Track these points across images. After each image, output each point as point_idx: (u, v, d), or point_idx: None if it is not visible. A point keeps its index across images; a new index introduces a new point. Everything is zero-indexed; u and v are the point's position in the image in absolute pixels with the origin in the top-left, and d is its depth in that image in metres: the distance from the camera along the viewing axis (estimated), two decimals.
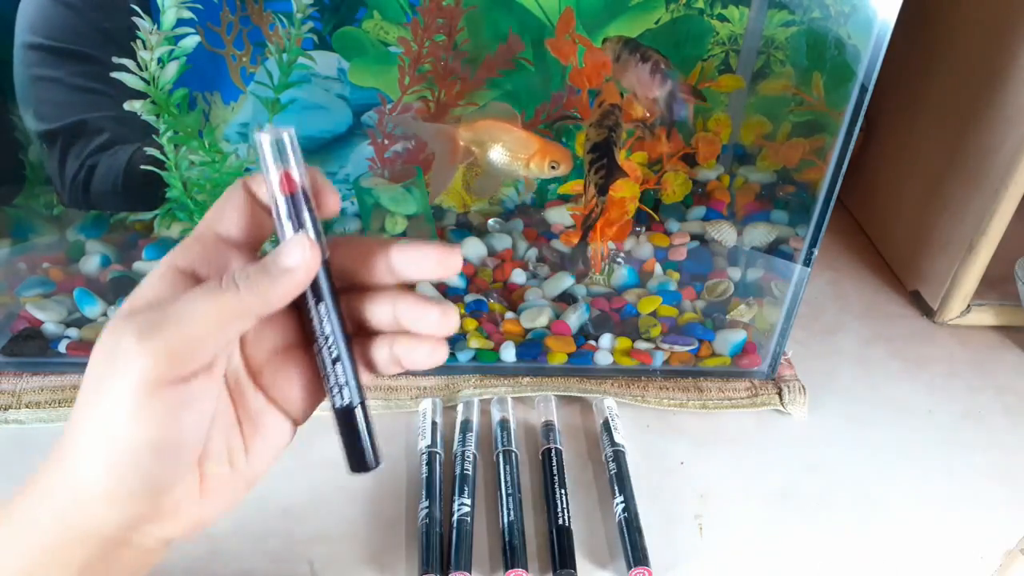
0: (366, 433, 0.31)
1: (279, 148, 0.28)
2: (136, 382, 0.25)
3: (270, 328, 0.31)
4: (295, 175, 0.29)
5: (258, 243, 0.31)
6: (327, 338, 0.30)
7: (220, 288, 0.27)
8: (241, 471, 0.30)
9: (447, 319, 0.31)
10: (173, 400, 0.26)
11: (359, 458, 0.31)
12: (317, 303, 0.30)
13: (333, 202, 0.30)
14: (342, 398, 0.31)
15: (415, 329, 0.31)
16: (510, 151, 0.54)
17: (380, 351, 0.31)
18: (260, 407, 0.31)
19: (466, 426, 0.56)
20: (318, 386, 0.32)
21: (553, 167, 0.54)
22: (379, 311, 0.31)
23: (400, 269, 0.31)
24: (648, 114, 0.58)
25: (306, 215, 0.29)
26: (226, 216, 0.29)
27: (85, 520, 0.28)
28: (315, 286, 0.29)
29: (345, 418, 0.31)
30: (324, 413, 0.32)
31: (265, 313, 0.28)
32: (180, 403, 0.26)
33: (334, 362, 0.30)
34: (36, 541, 0.28)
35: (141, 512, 0.28)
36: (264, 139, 0.28)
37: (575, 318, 0.63)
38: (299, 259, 0.28)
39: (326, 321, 0.30)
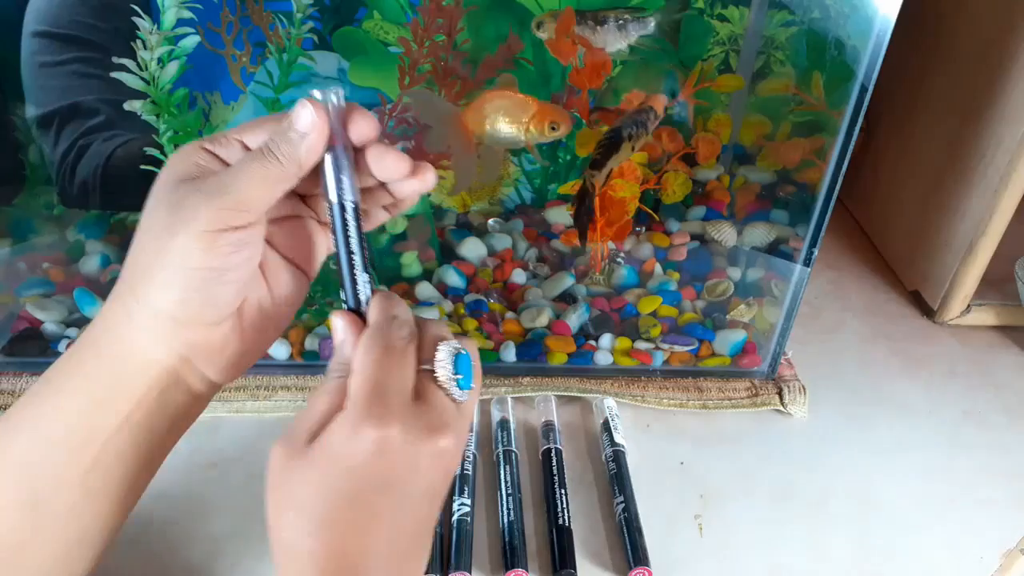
0: None
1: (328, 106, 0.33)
2: (206, 227, 0.31)
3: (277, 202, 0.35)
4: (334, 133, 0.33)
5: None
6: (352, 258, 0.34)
7: (264, 158, 0.32)
8: (269, 316, 0.36)
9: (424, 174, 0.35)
10: (233, 241, 0.31)
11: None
12: (346, 233, 0.33)
13: (365, 127, 0.34)
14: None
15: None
16: (509, 116, 0.53)
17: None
18: (277, 263, 0.36)
19: None
20: (318, 247, 0.37)
21: (553, 128, 0.52)
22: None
23: (376, 171, 0.35)
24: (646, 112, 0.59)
25: (345, 165, 0.33)
26: (257, 134, 0.33)
27: (150, 346, 0.32)
28: (346, 229, 0.33)
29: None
30: None
31: (300, 175, 0.33)
32: (238, 244, 0.32)
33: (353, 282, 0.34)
34: (101, 370, 0.33)
35: (196, 341, 0.33)
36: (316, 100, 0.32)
37: (575, 318, 0.63)
38: (309, 121, 0.32)
39: (357, 258, 0.34)
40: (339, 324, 0.33)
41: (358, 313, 0.34)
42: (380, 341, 0.32)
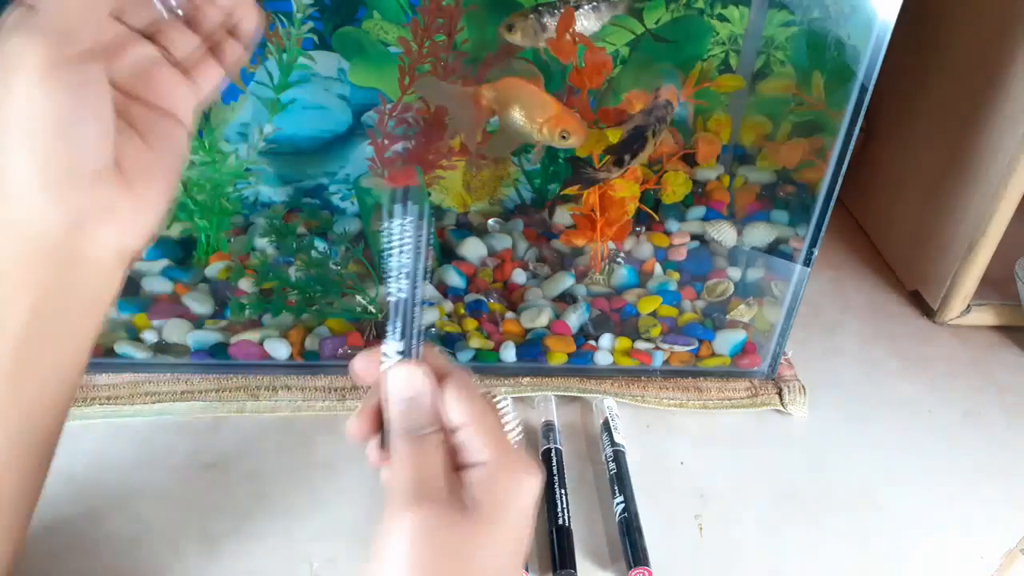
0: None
1: None
2: (34, 68, 0.28)
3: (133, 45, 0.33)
4: None
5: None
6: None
7: None
8: (154, 168, 0.33)
9: None
10: (71, 78, 0.28)
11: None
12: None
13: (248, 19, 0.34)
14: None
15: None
16: (526, 111, 0.51)
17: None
18: (141, 110, 0.33)
19: None
20: (181, 91, 0.35)
21: (564, 136, 0.51)
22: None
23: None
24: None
25: None
26: None
27: (27, 226, 0.30)
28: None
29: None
30: (318, 414, 0.32)
31: None
32: (78, 81, 0.29)
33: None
34: None
35: (77, 205, 0.30)
36: None
37: (575, 318, 0.63)
38: None
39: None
40: (420, 376, 0.32)
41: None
42: (485, 401, 0.32)
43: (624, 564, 0.48)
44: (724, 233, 0.68)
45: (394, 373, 0.32)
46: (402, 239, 0.32)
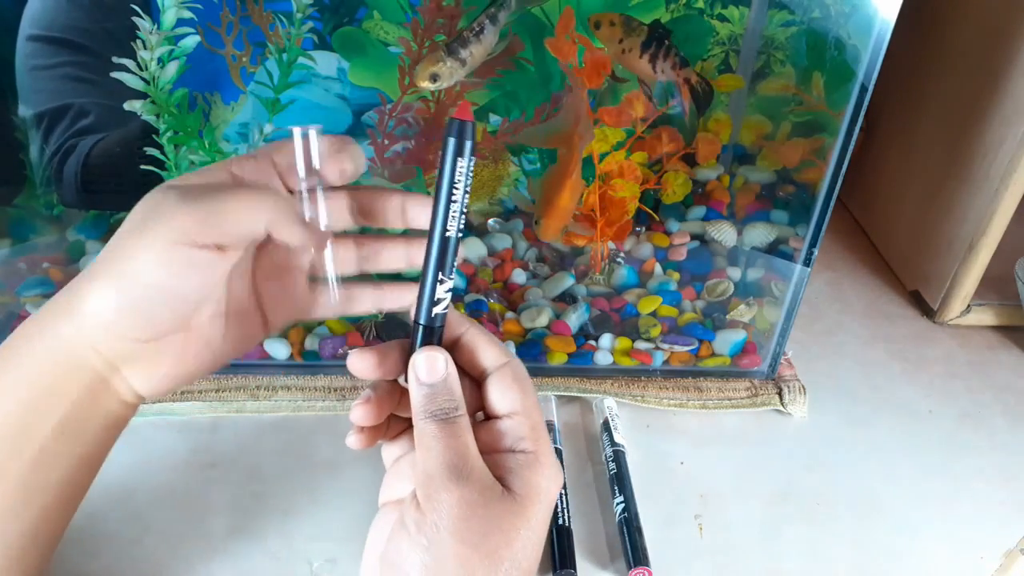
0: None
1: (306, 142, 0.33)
2: (167, 234, 0.29)
3: (283, 250, 0.35)
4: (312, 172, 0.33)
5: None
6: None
7: (277, 197, 0.31)
8: (215, 349, 0.35)
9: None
10: (191, 259, 0.30)
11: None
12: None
13: (337, 170, 0.34)
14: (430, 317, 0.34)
15: None
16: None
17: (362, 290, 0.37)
18: (248, 306, 0.35)
19: None
20: (298, 306, 0.37)
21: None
22: (394, 254, 0.37)
23: (413, 216, 0.36)
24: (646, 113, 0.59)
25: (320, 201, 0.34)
26: (288, 152, 0.33)
27: (83, 348, 0.32)
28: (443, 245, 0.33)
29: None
30: (318, 414, 0.32)
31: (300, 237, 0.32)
32: (195, 264, 0.30)
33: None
34: (39, 368, 0.32)
35: (130, 350, 0.32)
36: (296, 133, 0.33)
37: (575, 318, 0.63)
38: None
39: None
40: (443, 362, 0.33)
41: (426, 327, 0.33)
42: (535, 395, 0.34)
43: (624, 564, 0.48)
44: (724, 233, 0.68)
45: (416, 360, 0.32)
46: (456, 176, 0.31)
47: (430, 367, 0.32)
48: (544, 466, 0.32)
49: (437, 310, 0.33)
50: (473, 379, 0.35)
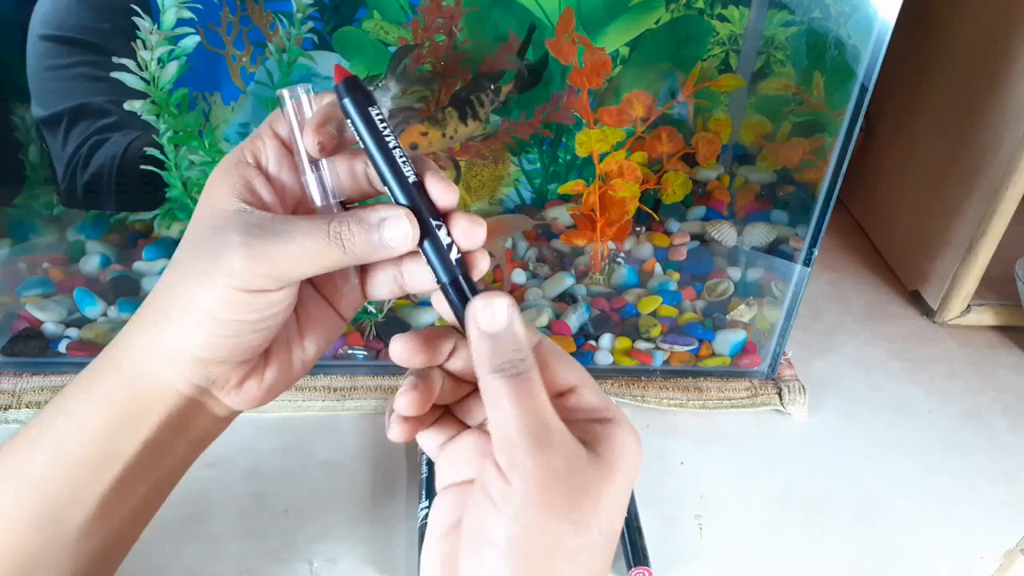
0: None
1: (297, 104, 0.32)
2: (238, 286, 0.30)
3: None
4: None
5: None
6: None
7: (327, 241, 0.30)
8: (297, 355, 0.35)
9: (475, 228, 0.32)
10: (266, 300, 0.31)
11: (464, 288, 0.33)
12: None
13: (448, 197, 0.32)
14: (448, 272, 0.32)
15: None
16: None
17: (384, 273, 0.34)
18: (313, 304, 0.36)
19: None
20: (353, 291, 0.36)
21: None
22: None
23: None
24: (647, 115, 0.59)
25: (325, 171, 0.32)
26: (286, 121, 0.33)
27: (171, 377, 0.32)
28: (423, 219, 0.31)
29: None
30: (318, 414, 0.32)
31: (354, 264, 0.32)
32: (270, 303, 0.31)
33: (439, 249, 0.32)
34: (122, 392, 0.32)
35: (218, 377, 0.33)
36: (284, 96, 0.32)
37: (575, 318, 0.63)
38: (402, 239, 0.30)
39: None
40: (505, 307, 0.29)
41: (417, 208, 0.31)
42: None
43: (624, 564, 0.47)
44: (724, 233, 0.68)
45: (475, 307, 0.29)
46: (380, 125, 0.31)
47: (492, 314, 0.29)
48: (626, 429, 0.30)
49: (453, 255, 0.31)
50: None
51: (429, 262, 0.32)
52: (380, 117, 0.31)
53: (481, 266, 0.33)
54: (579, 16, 0.59)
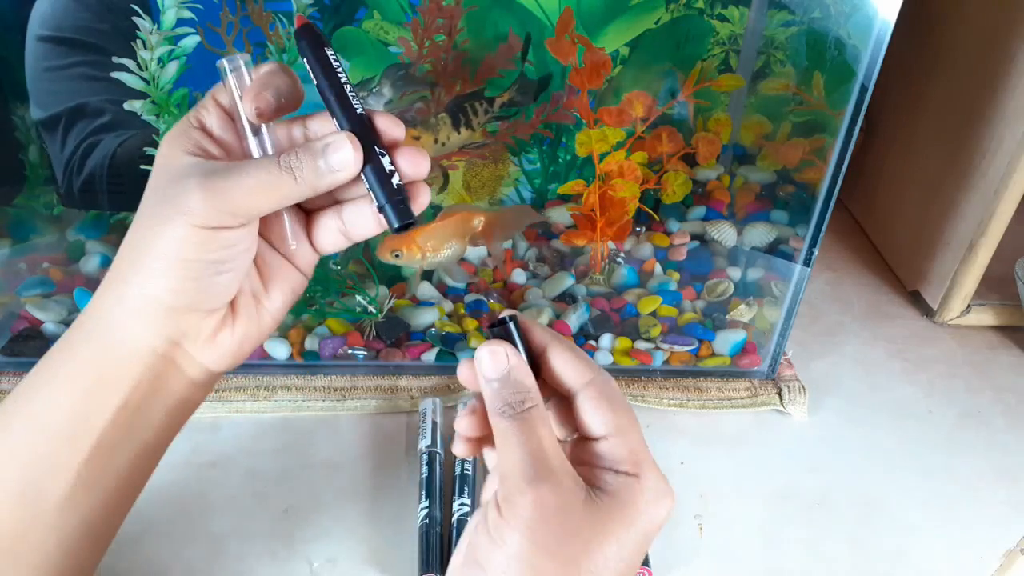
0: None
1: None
2: (199, 224, 0.31)
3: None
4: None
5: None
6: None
7: (279, 171, 0.32)
8: (264, 308, 0.36)
9: (420, 158, 0.34)
10: (228, 238, 0.32)
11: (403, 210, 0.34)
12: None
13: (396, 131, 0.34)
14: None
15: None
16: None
17: (328, 224, 0.36)
18: (272, 255, 0.37)
19: None
20: (318, 246, 0.37)
21: (396, 255, 0.54)
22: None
23: (316, 130, 0.35)
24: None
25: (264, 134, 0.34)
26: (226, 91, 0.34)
27: (141, 331, 0.32)
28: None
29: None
30: (318, 414, 0.32)
31: (308, 197, 0.33)
32: (230, 241, 0.32)
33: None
34: (93, 356, 0.33)
35: (189, 328, 0.33)
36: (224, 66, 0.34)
37: (575, 318, 0.63)
38: (345, 160, 0.32)
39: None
40: (504, 353, 0.31)
41: (361, 136, 0.33)
42: (630, 411, 0.33)
43: None
44: (724, 233, 0.68)
45: (479, 356, 0.31)
46: (332, 63, 0.33)
47: (493, 361, 0.31)
48: (644, 489, 0.30)
49: (395, 181, 0.33)
50: (563, 397, 0.33)
51: (370, 186, 0.33)
52: (334, 58, 0.34)
53: (422, 199, 0.35)
54: (579, 16, 0.59)
